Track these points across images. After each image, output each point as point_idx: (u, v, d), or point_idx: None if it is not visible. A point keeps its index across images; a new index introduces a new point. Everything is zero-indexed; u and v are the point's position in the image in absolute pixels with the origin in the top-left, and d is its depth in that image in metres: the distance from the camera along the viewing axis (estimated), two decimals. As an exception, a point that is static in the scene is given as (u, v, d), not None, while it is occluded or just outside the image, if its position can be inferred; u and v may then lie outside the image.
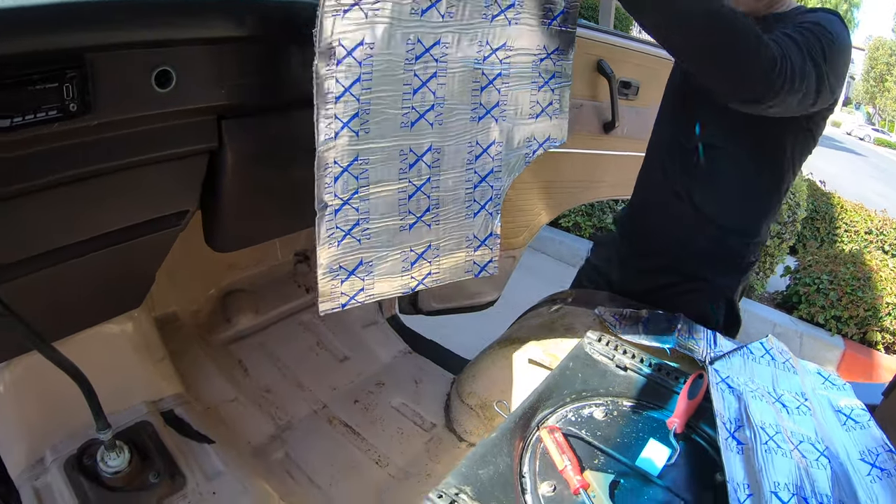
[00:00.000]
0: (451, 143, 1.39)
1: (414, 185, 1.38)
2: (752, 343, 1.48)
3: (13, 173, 1.07)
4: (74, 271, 1.36)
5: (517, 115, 1.47)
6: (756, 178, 1.60)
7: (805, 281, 5.02)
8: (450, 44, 1.25)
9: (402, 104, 1.24)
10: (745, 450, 1.16)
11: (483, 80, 1.37)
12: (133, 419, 1.73)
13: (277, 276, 2.58)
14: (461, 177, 1.46)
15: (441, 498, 1.03)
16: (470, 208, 1.53)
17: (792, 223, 5.30)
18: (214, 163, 1.42)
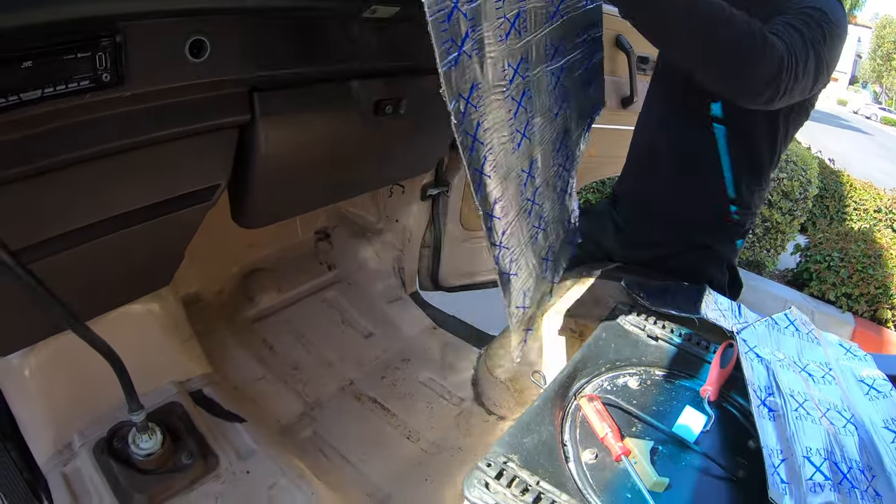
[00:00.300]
0: (542, 148, 1.38)
1: (530, 202, 1.37)
2: (777, 314, 1.49)
3: (45, 148, 1.06)
4: (106, 249, 1.35)
5: (576, 98, 1.48)
6: (752, 150, 1.60)
7: (816, 258, 5.01)
8: (528, 58, 1.23)
9: (509, 129, 1.21)
10: (777, 417, 1.17)
11: (553, 81, 1.36)
12: (162, 400, 1.72)
13: (298, 254, 2.58)
14: (553, 174, 1.47)
15: (490, 466, 1.03)
16: (560, 199, 1.55)
17: (803, 200, 5.28)
18: (245, 136, 1.41)
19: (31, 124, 1.02)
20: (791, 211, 5.26)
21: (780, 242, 5.41)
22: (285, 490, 1.59)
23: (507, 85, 1.15)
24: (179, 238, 1.60)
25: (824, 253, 4.98)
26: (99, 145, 1.14)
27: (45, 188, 1.12)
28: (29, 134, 1.03)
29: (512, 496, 0.99)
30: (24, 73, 0.95)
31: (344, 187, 1.93)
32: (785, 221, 5.26)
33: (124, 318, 1.67)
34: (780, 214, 5.22)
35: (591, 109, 1.61)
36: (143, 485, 1.52)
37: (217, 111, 1.31)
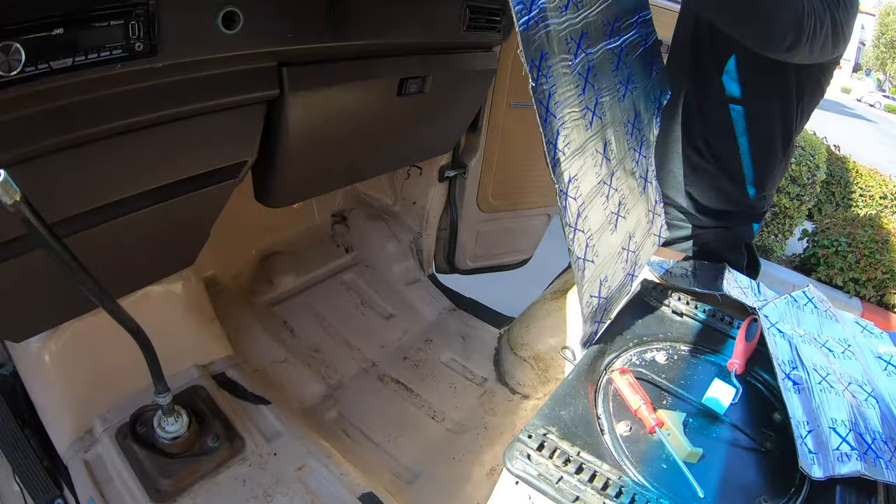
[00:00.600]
0: (614, 129, 1.36)
1: (606, 184, 1.34)
2: (795, 292, 1.50)
3: (76, 120, 1.06)
4: (134, 226, 1.35)
5: (641, 80, 1.46)
6: (768, 129, 1.60)
7: (823, 243, 5.00)
8: (589, 32, 1.21)
9: (580, 106, 1.19)
10: (802, 390, 1.19)
11: (615, 60, 1.35)
12: (185, 383, 1.72)
13: (315, 237, 2.58)
14: (628, 158, 1.44)
15: (531, 438, 1.04)
16: (640, 185, 1.52)
17: (811, 185, 5.26)
18: (272, 113, 1.41)
19: (63, 95, 1.01)
20: (799, 196, 5.24)
21: (787, 227, 5.40)
22: (314, 471, 1.58)
23: (572, 59, 1.13)
24: (205, 216, 1.59)
25: (832, 238, 4.98)
26: (130, 118, 1.13)
27: (76, 162, 1.11)
28: (60, 105, 1.02)
29: (554, 467, 1.00)
30: (56, 40, 0.94)
31: (366, 166, 1.93)
32: (793, 206, 5.24)
33: (147, 299, 1.66)
34: (788, 199, 5.20)
35: (658, 93, 1.60)
36: (169, 469, 1.51)
37: (247, 86, 1.31)
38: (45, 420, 1.58)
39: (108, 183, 1.22)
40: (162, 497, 1.46)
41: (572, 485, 0.98)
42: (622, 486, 0.98)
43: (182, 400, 1.58)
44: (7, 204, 0.82)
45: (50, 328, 1.52)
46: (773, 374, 1.24)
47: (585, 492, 0.97)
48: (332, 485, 1.55)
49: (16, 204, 0.84)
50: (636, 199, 1.47)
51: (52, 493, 1.52)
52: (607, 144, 1.30)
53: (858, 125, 19.34)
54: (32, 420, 1.60)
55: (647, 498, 0.96)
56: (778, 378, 1.21)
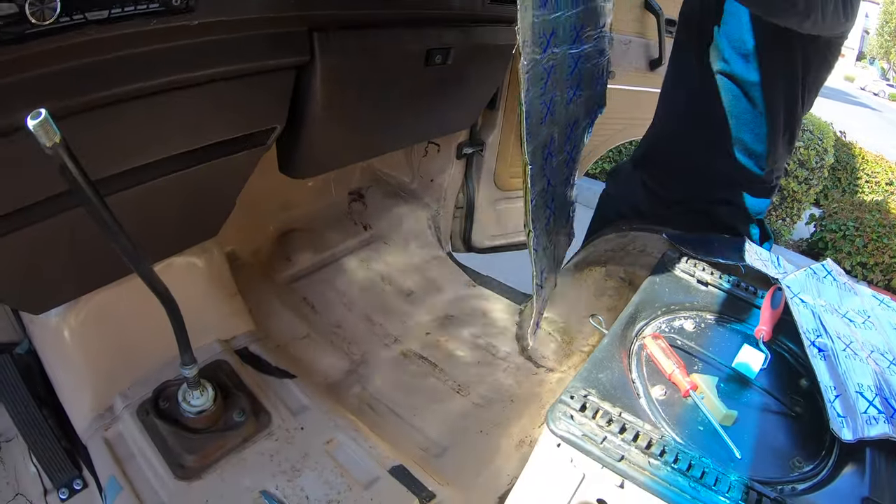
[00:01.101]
0: (558, 129, 1.40)
1: (547, 180, 1.40)
2: (815, 265, 1.53)
3: (111, 77, 1.04)
4: (161, 191, 1.34)
5: (587, 90, 1.52)
6: (773, 103, 1.59)
7: (831, 227, 5.01)
8: (558, 32, 1.24)
9: (541, 99, 1.24)
10: (827, 356, 1.21)
11: (572, 64, 1.39)
12: (208, 358, 1.70)
13: (333, 214, 2.57)
14: (562, 160, 1.50)
15: (573, 399, 1.04)
16: (564, 188, 1.59)
17: (820, 169, 5.26)
18: (302, 79, 1.41)
19: (95, 51, 1.00)
20: (807, 180, 5.25)
21: (795, 211, 5.40)
22: (343, 445, 1.58)
23: (541, 52, 1.17)
24: (232, 184, 1.59)
25: (839, 222, 4.99)
26: (164, 77, 1.13)
27: (106, 122, 1.10)
28: (92, 62, 1.01)
29: (598, 427, 1.01)
30: None
31: (389, 138, 1.93)
32: (801, 190, 5.25)
33: (170, 271, 1.64)
34: (797, 183, 5.21)
35: (595, 107, 1.64)
36: (194, 445, 1.48)
37: (278, 50, 1.31)
38: (64, 397, 1.56)
39: (139, 145, 1.21)
40: (187, 474, 1.44)
41: (617, 444, 0.98)
42: (665, 445, 0.99)
43: (205, 375, 1.55)
44: (46, 146, 0.80)
45: (71, 299, 1.49)
46: (797, 342, 1.28)
47: (630, 451, 0.97)
48: (362, 458, 1.54)
49: (55, 147, 0.81)
50: (561, 199, 1.56)
51: (71, 473, 1.50)
52: (553, 142, 1.36)
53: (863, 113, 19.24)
54: (49, 398, 1.57)
55: (690, 457, 0.97)
56: (804, 345, 1.24)
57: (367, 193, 2.67)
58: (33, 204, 1.12)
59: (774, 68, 1.52)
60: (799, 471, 1.05)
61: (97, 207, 0.97)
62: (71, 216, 1.18)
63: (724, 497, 0.93)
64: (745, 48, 1.52)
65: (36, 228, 1.15)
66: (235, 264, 2.12)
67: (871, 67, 37.79)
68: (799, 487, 1.01)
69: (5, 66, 0.90)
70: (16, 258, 1.21)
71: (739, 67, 1.55)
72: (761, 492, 0.94)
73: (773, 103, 1.58)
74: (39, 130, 0.78)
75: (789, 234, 5.57)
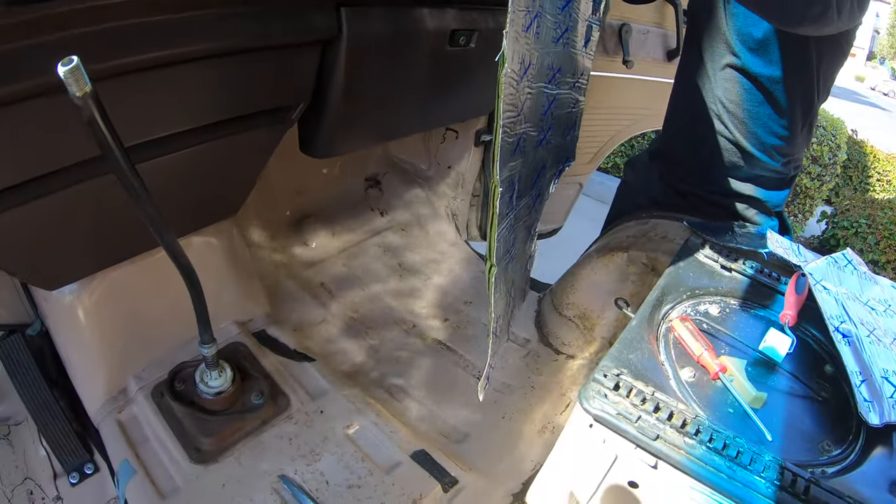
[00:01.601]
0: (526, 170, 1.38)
1: (510, 220, 1.36)
2: (835, 254, 1.54)
3: (136, 43, 1.04)
4: (186, 163, 1.33)
5: (557, 135, 1.52)
6: (788, 94, 1.58)
7: (843, 224, 4.99)
8: (534, 65, 1.22)
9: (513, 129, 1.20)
10: (852, 342, 1.22)
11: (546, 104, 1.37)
12: (225, 340, 1.68)
13: (349, 200, 2.57)
14: (524, 205, 1.47)
15: (606, 377, 1.04)
16: (525, 236, 1.60)
17: (833, 165, 5.24)
18: (327, 55, 1.40)
19: (122, 14, 1.00)
20: (820, 176, 5.23)
21: (808, 208, 5.39)
22: (363, 429, 1.56)
23: (518, 79, 1.14)
24: (255, 161, 1.58)
25: (851, 219, 4.97)
26: (192, 46, 1.12)
27: (137, 89, 1.10)
28: (120, 25, 1.01)
29: (632, 405, 1.00)
30: None
31: (411, 120, 1.92)
32: (814, 187, 5.24)
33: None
34: (809, 179, 5.19)
35: (564, 158, 1.63)
36: (211, 427, 1.46)
37: (306, 23, 1.30)
38: (76, 379, 1.54)
39: (164, 114, 1.21)
40: (203, 457, 1.42)
41: (652, 423, 0.98)
42: (700, 425, 0.98)
43: (223, 356, 1.53)
44: (75, 95, 0.78)
45: (87, 275, 1.47)
46: (820, 329, 1.29)
47: (665, 430, 0.97)
48: (383, 443, 1.53)
49: (85, 97, 0.79)
50: (520, 246, 1.54)
51: (82, 457, 1.50)
52: (519, 180, 1.32)
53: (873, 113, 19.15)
54: (60, 381, 1.56)
55: (724, 437, 0.97)
56: (829, 330, 1.25)
57: (384, 180, 2.67)
58: (57, 170, 1.11)
59: (787, 60, 1.51)
60: (828, 454, 1.05)
61: (123, 167, 0.94)
62: (93, 185, 1.17)
63: (760, 477, 0.92)
64: (755, 41, 1.51)
65: (58, 197, 1.14)
66: (252, 248, 2.12)
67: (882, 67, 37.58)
68: (829, 471, 1.01)
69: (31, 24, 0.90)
70: (34, 229, 1.20)
71: (751, 61, 1.54)
72: (796, 472, 0.94)
73: (787, 95, 1.57)
74: (70, 78, 0.76)
75: (801, 231, 5.55)
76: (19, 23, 0.89)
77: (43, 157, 1.07)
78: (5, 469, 1.48)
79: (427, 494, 1.42)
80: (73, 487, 1.46)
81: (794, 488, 0.92)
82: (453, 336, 2.07)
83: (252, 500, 1.35)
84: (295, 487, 1.39)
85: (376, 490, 1.42)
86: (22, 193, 1.09)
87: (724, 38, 1.57)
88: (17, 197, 1.09)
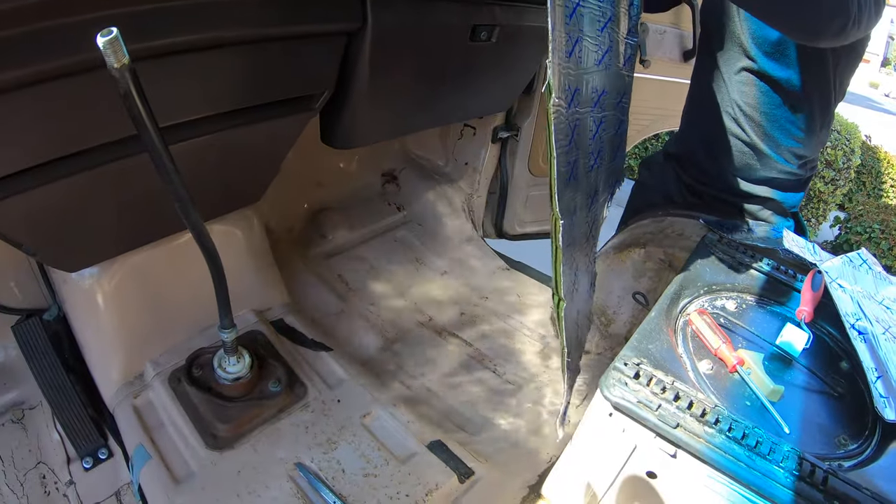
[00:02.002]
0: (580, 197, 1.35)
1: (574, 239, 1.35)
2: (850, 254, 1.54)
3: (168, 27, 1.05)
4: (212, 148, 1.35)
5: (607, 158, 1.48)
6: (805, 96, 1.57)
7: (856, 230, 4.97)
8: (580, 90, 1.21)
9: (566, 157, 1.19)
10: (868, 339, 1.22)
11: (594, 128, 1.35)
12: (244, 328, 1.69)
13: (366, 195, 2.59)
14: (582, 233, 1.42)
15: (626, 366, 1.05)
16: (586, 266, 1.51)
17: (846, 170, 5.22)
18: (352, 46, 1.41)
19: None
20: (834, 180, 5.21)
21: (821, 212, 5.37)
22: (380, 419, 1.57)
23: (565, 106, 1.13)
24: (278, 148, 1.59)
25: (865, 225, 4.95)
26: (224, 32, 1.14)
27: (170, 72, 1.11)
28: (154, 9, 1.02)
29: (652, 394, 1.01)
30: None
31: (430, 114, 1.94)
32: (827, 191, 5.22)
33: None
34: (823, 183, 5.17)
35: (614, 180, 1.62)
36: (227, 414, 1.47)
37: (333, 13, 1.32)
38: (92, 363, 1.56)
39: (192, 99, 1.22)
40: (218, 443, 1.42)
41: (672, 412, 0.99)
42: (719, 414, 0.99)
43: (241, 344, 1.54)
44: (113, 66, 0.79)
45: (108, 258, 1.49)
46: (836, 326, 1.29)
47: (685, 419, 0.98)
48: (399, 433, 1.54)
49: (122, 68, 0.80)
50: (582, 278, 1.47)
51: (96, 442, 1.51)
52: (577, 209, 1.30)
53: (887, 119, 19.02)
54: (76, 366, 1.57)
55: (743, 426, 0.97)
56: (845, 327, 1.26)
57: (401, 175, 2.69)
58: (87, 150, 1.12)
59: (803, 62, 1.50)
60: (845, 448, 1.06)
61: (155, 143, 0.96)
62: (121, 166, 1.19)
63: (779, 467, 0.93)
64: (771, 44, 1.51)
65: (85, 177, 1.16)
66: (271, 239, 2.11)
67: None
68: (845, 464, 1.01)
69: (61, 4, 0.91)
70: (60, 209, 1.21)
71: (767, 64, 1.54)
72: (815, 463, 0.94)
73: (805, 96, 1.57)
74: (108, 49, 0.77)
75: (814, 236, 5.53)
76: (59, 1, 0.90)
77: (74, 135, 1.09)
78: (18, 453, 1.48)
79: (442, 485, 1.43)
80: (87, 472, 1.47)
81: (813, 478, 0.92)
82: (469, 330, 2.08)
83: (268, 486, 1.36)
84: (311, 475, 1.40)
85: (392, 479, 1.42)
86: (51, 171, 1.11)
87: (739, 42, 1.57)
88: (46, 174, 1.11)
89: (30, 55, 0.91)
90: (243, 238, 1.80)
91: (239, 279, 1.71)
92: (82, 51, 0.79)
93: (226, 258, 1.32)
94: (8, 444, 1.49)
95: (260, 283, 1.85)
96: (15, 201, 1.09)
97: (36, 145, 1.06)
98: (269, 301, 1.85)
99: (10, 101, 0.95)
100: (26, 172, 1.08)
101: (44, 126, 1.03)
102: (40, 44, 0.91)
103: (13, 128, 1.00)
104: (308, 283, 2.12)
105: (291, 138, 1.58)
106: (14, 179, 1.07)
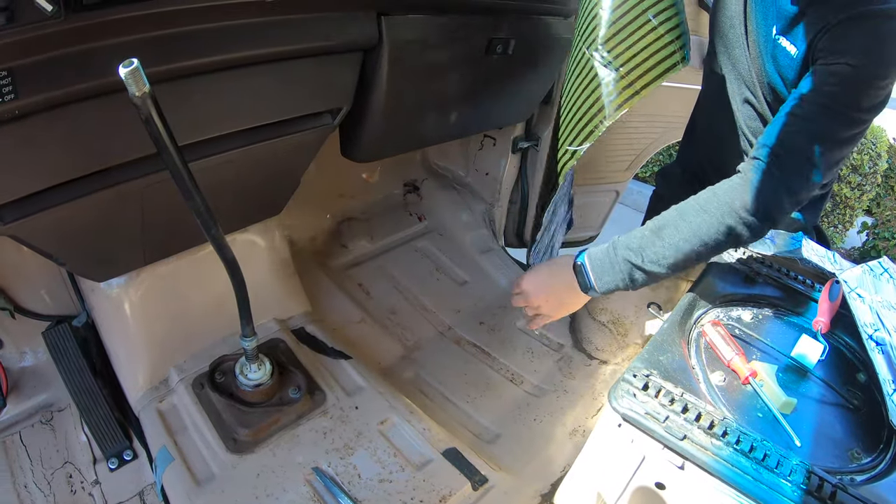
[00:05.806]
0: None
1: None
2: (871, 262, 1.51)
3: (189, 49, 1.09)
4: (234, 164, 1.39)
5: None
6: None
7: (884, 235, 4.90)
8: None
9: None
10: (886, 351, 1.21)
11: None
12: (265, 336, 1.73)
13: (388, 205, 2.63)
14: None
15: (636, 377, 1.06)
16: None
17: (873, 174, 5.12)
18: (368, 62, 1.45)
19: (176, 22, 1.05)
20: (860, 185, 5.11)
21: (847, 218, 5.27)
22: (397, 426, 1.59)
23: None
24: (299, 162, 1.63)
25: (893, 230, 4.87)
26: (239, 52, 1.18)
27: (193, 92, 1.15)
28: (174, 33, 1.06)
29: (660, 405, 1.02)
30: None
31: (449, 126, 1.95)
32: (854, 196, 5.12)
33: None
34: (850, 189, 5.08)
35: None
36: (248, 418, 1.51)
37: (348, 31, 1.35)
38: (119, 369, 1.61)
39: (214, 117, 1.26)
40: (239, 447, 1.46)
41: (679, 424, 0.99)
42: (727, 426, 0.99)
43: (262, 351, 1.58)
44: (135, 94, 0.84)
45: (135, 269, 1.54)
46: (853, 337, 1.28)
47: (692, 431, 0.98)
48: (415, 440, 1.56)
49: (143, 96, 0.85)
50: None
51: (122, 443, 1.54)
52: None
53: (915, 122, 18.71)
54: (104, 371, 1.62)
55: (752, 439, 0.98)
56: (863, 338, 1.24)
57: (423, 186, 2.72)
58: (116, 166, 1.17)
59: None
60: (858, 462, 1.05)
61: (176, 163, 1.00)
62: (146, 182, 1.23)
63: (786, 480, 0.93)
64: (784, 66, 1.47)
65: (114, 192, 1.20)
66: (293, 249, 2.15)
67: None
68: (858, 479, 1.01)
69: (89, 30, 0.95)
70: (90, 222, 1.26)
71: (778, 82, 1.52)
72: (823, 477, 0.94)
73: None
74: (130, 79, 0.81)
75: (841, 242, 5.44)
76: (89, 26, 0.95)
77: (100, 154, 1.13)
78: (46, 453, 1.52)
79: (456, 491, 1.45)
80: (112, 473, 1.51)
81: (821, 493, 0.92)
82: (488, 339, 2.10)
83: (286, 489, 1.39)
84: (328, 479, 1.42)
85: (407, 485, 1.45)
86: (79, 188, 1.15)
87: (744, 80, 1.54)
88: (75, 191, 1.15)
89: (57, 78, 0.96)
90: (265, 248, 1.84)
91: (261, 289, 1.75)
92: (111, 73, 0.83)
93: (248, 268, 1.36)
94: (37, 445, 1.54)
95: (282, 293, 1.89)
96: (46, 215, 1.14)
97: (65, 163, 1.10)
98: (290, 310, 1.89)
99: (40, 122, 0.99)
100: (56, 189, 1.12)
101: (71, 145, 1.08)
102: (68, 67, 0.96)
103: (43, 146, 1.04)
104: (329, 292, 2.15)
105: (311, 153, 1.61)
106: (45, 195, 1.12)
